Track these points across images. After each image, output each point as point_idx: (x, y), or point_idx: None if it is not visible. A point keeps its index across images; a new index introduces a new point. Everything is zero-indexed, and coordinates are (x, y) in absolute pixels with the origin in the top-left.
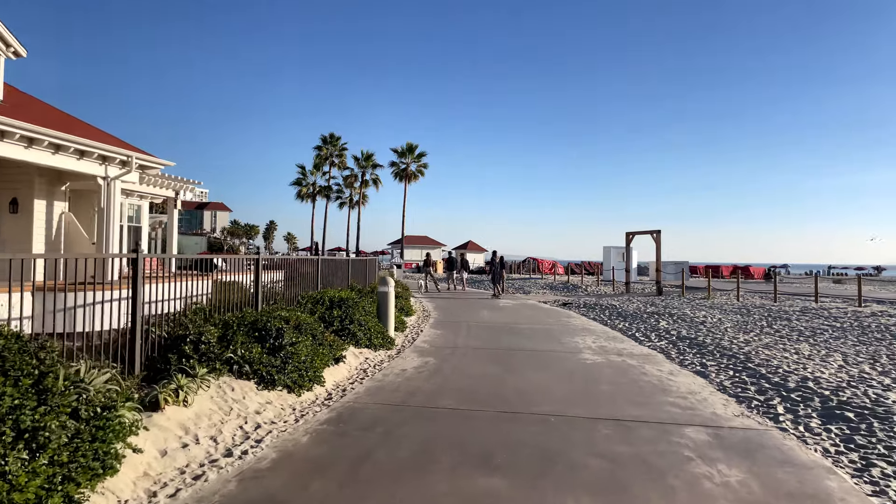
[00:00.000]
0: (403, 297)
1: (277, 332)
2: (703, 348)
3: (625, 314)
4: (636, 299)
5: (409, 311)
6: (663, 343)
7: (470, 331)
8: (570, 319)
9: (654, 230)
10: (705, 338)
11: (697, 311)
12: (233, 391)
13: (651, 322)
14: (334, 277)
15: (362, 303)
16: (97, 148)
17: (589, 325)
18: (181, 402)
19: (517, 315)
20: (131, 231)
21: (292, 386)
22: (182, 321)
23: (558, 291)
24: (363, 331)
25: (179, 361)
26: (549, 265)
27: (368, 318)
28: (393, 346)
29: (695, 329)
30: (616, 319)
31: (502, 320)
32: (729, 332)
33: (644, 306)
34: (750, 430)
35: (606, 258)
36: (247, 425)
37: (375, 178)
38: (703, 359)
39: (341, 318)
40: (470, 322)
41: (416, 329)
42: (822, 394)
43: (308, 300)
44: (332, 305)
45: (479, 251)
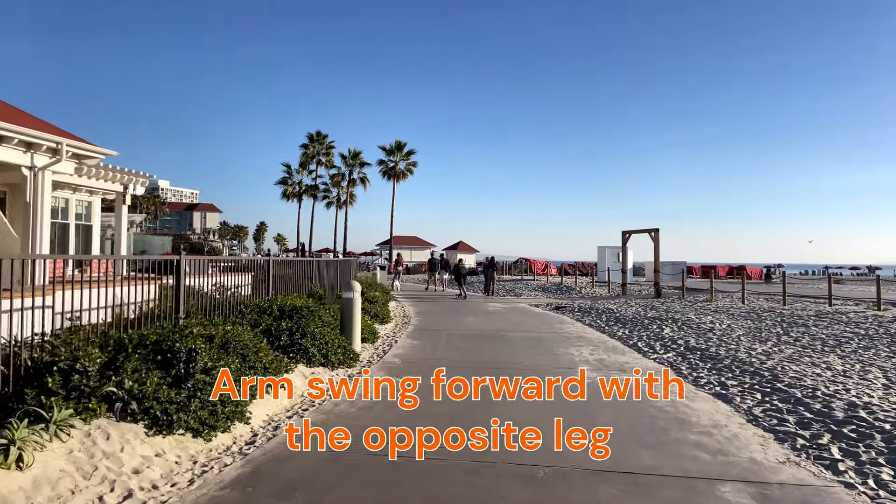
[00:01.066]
0: (380, 303)
1: (188, 355)
2: (719, 362)
3: (623, 319)
4: (634, 302)
5: (385, 318)
6: (671, 356)
7: (451, 341)
8: (563, 326)
9: (652, 228)
10: (718, 348)
11: (702, 315)
12: (107, 440)
13: (653, 329)
14: (307, 280)
15: (320, 312)
16: (17, 132)
17: (585, 333)
18: (11, 464)
19: (506, 321)
20: (80, 230)
21: (199, 428)
22: (53, 343)
23: (551, 294)
24: (318, 345)
25: (38, 399)
26: (541, 266)
27: (327, 330)
28: (356, 363)
29: (704, 338)
30: (614, 326)
31: (489, 327)
32: (743, 342)
33: (644, 310)
34: (806, 486)
35: (601, 258)
36: (111, 494)
37: (363, 176)
38: (720, 376)
39: (291, 331)
40: (452, 330)
41: (390, 340)
42: (882, 428)
43: (253, 310)
44: (283, 316)
45: (470, 252)
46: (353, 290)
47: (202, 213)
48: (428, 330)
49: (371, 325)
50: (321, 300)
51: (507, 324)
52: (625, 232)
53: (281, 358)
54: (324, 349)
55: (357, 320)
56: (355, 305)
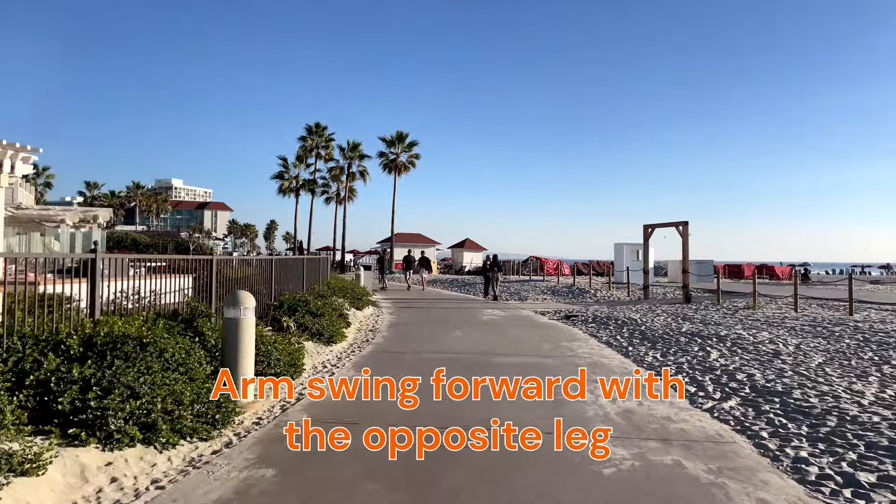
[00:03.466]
0: (337, 314)
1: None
2: (821, 422)
3: (651, 335)
4: (660, 309)
5: (336, 337)
6: (733, 403)
7: (415, 370)
8: (574, 345)
9: (680, 222)
10: (802, 391)
11: (754, 330)
12: None
13: (694, 351)
14: (264, 285)
15: (168, 344)
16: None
17: (602, 358)
18: None
19: (500, 337)
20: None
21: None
22: None
23: (562, 297)
24: (142, 406)
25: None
26: (553, 265)
27: (169, 377)
28: (226, 429)
29: (771, 369)
30: (640, 345)
31: (476, 347)
32: (834, 378)
33: (674, 321)
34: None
35: (618, 257)
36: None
37: (363, 170)
38: (839, 459)
39: (88, 385)
40: (425, 352)
41: (327, 369)
42: None
43: (35, 346)
44: (87, 355)
45: (477, 250)
46: (240, 304)
47: (213, 212)
48: (390, 353)
49: (298, 352)
50: (190, 321)
51: (501, 341)
52: (647, 226)
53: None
54: (149, 411)
55: (246, 352)
56: (243, 329)
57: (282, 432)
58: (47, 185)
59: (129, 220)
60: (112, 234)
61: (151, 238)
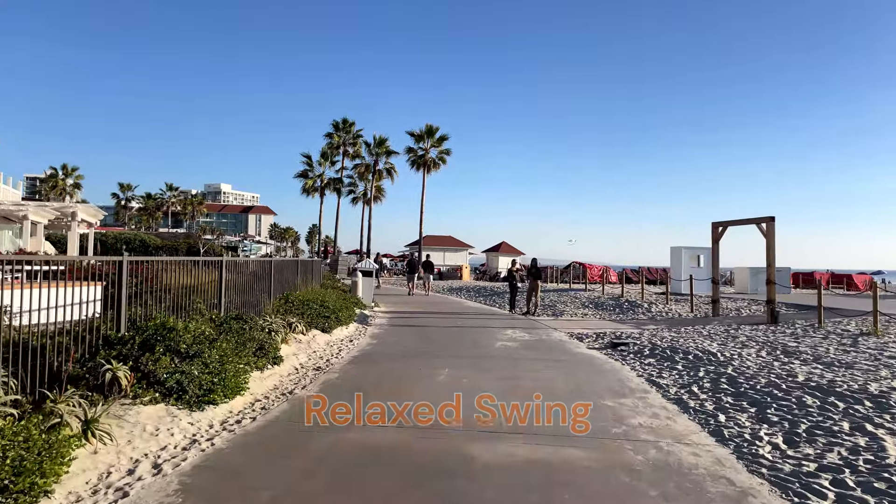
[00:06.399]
0: (260, 339)
1: None
2: None
3: (750, 387)
4: (742, 333)
5: (218, 394)
6: None
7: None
8: (624, 406)
9: (763, 218)
10: None
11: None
12: None
13: (846, 435)
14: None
15: None
16: None
17: (678, 445)
18: None
19: (508, 385)
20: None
21: None
22: None
23: (607, 312)
24: None
25: None
26: (597, 271)
27: None
28: None
29: None
30: (738, 410)
31: (458, 413)
32: None
33: (774, 357)
34: None
35: (675, 262)
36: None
37: (390, 167)
38: None
39: None
40: (354, 432)
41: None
42: None
43: None
44: None
45: (515, 253)
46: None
47: (257, 216)
48: (296, 433)
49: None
50: None
51: (506, 396)
52: (716, 224)
53: None
54: None
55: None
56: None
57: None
58: (77, 185)
59: (173, 223)
60: (120, 234)
61: (164, 241)
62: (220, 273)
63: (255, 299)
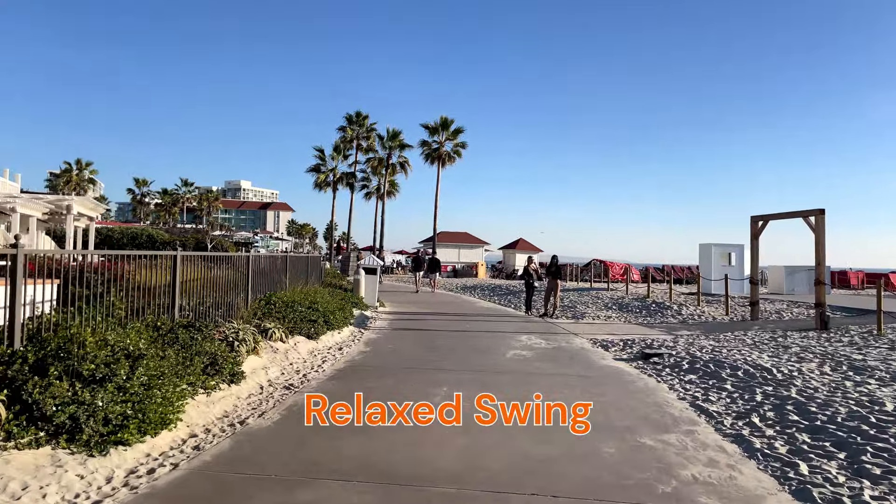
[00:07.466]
0: (216, 352)
1: None
2: None
3: (827, 420)
4: (793, 343)
5: (128, 434)
6: None
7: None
8: (668, 448)
9: (811, 210)
10: None
11: None
12: None
13: None
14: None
15: None
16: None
17: None
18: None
19: (520, 411)
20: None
21: None
22: None
23: (633, 314)
24: None
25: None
26: (619, 269)
27: None
28: None
29: None
30: (824, 458)
31: (452, 460)
32: None
33: (841, 374)
34: None
35: (705, 261)
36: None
37: (404, 161)
38: None
39: None
40: (313, 475)
41: None
42: None
43: None
44: None
45: (533, 251)
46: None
47: (275, 212)
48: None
49: None
50: None
51: (514, 434)
52: (756, 218)
53: None
54: None
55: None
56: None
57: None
58: (91, 180)
59: (190, 219)
60: (127, 229)
61: (173, 236)
62: (172, 271)
63: (226, 301)
